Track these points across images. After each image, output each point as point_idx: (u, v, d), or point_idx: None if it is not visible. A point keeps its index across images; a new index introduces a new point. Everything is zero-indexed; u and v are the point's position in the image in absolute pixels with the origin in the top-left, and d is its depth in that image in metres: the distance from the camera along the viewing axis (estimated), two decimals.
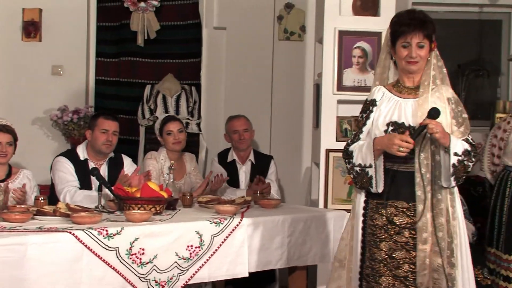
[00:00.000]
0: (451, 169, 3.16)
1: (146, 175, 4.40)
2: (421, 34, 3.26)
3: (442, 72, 3.36)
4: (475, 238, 5.04)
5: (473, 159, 3.26)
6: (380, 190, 3.27)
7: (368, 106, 3.40)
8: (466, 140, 3.25)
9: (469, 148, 3.20)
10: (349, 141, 3.43)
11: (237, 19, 6.37)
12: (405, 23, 3.29)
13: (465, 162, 3.19)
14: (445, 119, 3.28)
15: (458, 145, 3.17)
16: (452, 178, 3.19)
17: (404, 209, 3.28)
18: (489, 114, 6.83)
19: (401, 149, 3.10)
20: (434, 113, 3.11)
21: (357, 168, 3.31)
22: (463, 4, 6.84)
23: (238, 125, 5.42)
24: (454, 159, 3.15)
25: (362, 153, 3.28)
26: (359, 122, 3.43)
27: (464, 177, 3.23)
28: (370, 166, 3.25)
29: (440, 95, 3.30)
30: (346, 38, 4.99)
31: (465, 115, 3.34)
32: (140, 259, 3.40)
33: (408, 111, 3.28)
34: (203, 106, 6.48)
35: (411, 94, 3.34)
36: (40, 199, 3.94)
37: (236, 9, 6.38)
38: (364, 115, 3.40)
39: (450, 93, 3.34)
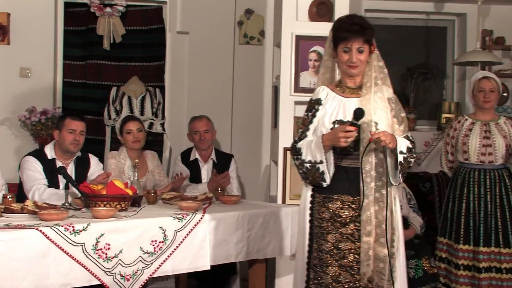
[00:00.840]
0: (398, 167, 3.21)
1: (105, 177, 4.34)
2: (361, 40, 3.28)
3: (383, 72, 3.39)
4: (423, 230, 5.09)
5: (414, 155, 3.33)
6: (328, 182, 3.27)
7: (314, 105, 3.40)
8: (407, 137, 3.31)
9: (410, 145, 3.28)
10: (296, 138, 3.42)
11: (200, 24, 6.34)
12: (346, 29, 3.30)
13: (408, 159, 3.26)
14: (387, 119, 3.31)
15: (402, 144, 3.23)
16: (400, 175, 3.24)
17: (349, 203, 3.30)
18: (436, 114, 6.93)
19: (348, 140, 3.12)
20: (358, 113, 3.14)
21: (307, 165, 3.30)
22: (412, 12, 6.92)
23: (200, 126, 5.40)
24: (400, 157, 3.21)
25: (311, 149, 3.28)
26: (305, 120, 3.42)
27: (406, 172, 3.29)
28: (321, 162, 3.25)
29: (382, 95, 3.33)
30: (302, 42, 4.99)
31: (403, 114, 3.40)
32: (106, 254, 3.36)
33: (352, 110, 3.26)
34: (167, 107, 6.43)
35: (354, 93, 3.36)
36: (8, 197, 3.86)
37: (198, 15, 6.34)
38: (310, 114, 3.40)
39: (390, 93, 3.39)
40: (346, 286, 3.27)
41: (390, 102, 3.35)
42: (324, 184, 3.28)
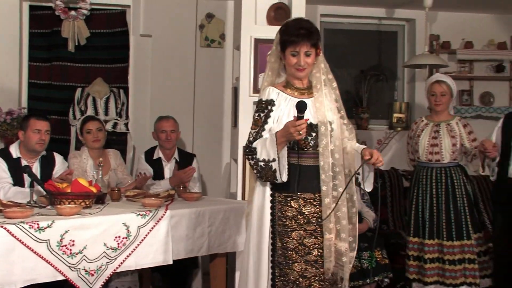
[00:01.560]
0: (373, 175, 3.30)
1: (68, 173, 4.28)
2: (308, 44, 3.28)
3: (330, 76, 3.41)
4: (375, 224, 5.13)
5: None
6: (285, 179, 3.25)
7: (266, 106, 3.36)
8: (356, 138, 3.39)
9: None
10: (250, 138, 3.36)
11: (162, 28, 6.29)
12: (294, 34, 3.29)
13: None
14: (337, 119, 3.33)
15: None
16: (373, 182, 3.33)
17: (311, 200, 3.31)
18: (387, 113, 7.00)
19: (300, 132, 3.10)
20: (301, 106, 3.12)
21: (261, 163, 3.27)
22: (365, 17, 6.97)
23: (167, 126, 5.36)
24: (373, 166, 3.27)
25: (266, 148, 3.25)
26: (258, 121, 3.37)
27: None
28: (274, 160, 3.22)
29: (330, 97, 3.36)
30: (261, 45, 4.99)
31: (343, 112, 3.43)
32: (70, 250, 3.31)
33: (307, 110, 3.24)
34: (131, 108, 6.37)
35: (304, 94, 3.38)
36: None
37: (161, 18, 6.29)
38: (263, 114, 3.36)
39: (337, 95, 3.40)
40: (312, 280, 3.29)
41: (336, 101, 3.39)
42: (279, 181, 3.26)
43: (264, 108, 3.37)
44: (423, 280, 4.86)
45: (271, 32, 4.94)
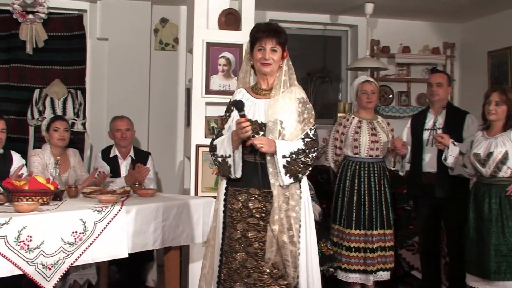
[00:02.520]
0: (282, 170, 3.22)
1: (21, 167, 4.20)
2: (274, 40, 3.31)
3: (292, 77, 3.42)
4: (320, 217, 5.16)
5: (312, 154, 3.31)
6: (238, 175, 3.29)
7: (230, 106, 3.42)
8: (306, 135, 3.31)
9: (300, 147, 3.25)
10: (214, 136, 3.44)
11: (118, 31, 6.23)
12: (261, 30, 3.34)
13: (302, 159, 3.25)
14: (294, 118, 3.33)
15: (285, 149, 3.21)
16: (286, 177, 3.23)
17: (256, 195, 3.31)
18: (332, 113, 7.06)
19: (243, 131, 3.15)
20: (238, 104, 3.21)
21: (220, 159, 3.33)
22: (311, 22, 7.03)
23: (121, 125, 5.30)
24: (282, 161, 3.21)
25: (224, 145, 3.30)
26: (223, 120, 3.46)
27: (304, 170, 3.29)
28: (229, 156, 3.27)
29: (291, 96, 3.34)
30: (213, 48, 4.97)
31: (307, 115, 3.37)
32: (28, 245, 3.23)
33: (261, 110, 3.32)
34: (88, 108, 6.28)
35: (265, 95, 3.37)
36: None
37: (117, 23, 6.23)
38: (227, 114, 3.43)
39: (300, 94, 3.39)
40: (251, 271, 3.29)
41: (298, 102, 3.35)
42: (232, 176, 3.30)
43: (228, 108, 3.43)
44: (368, 270, 4.90)
45: (222, 36, 4.99)
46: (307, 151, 3.27)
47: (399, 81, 7.10)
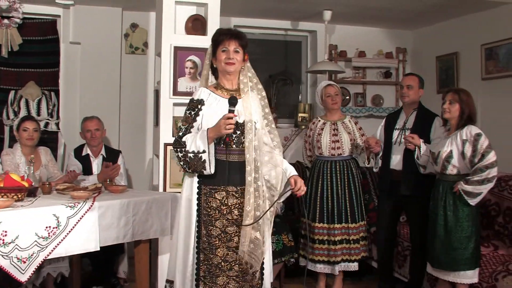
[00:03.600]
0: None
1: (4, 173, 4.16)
2: (236, 42, 3.36)
3: (256, 79, 3.46)
4: (282, 211, 5.22)
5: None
6: (213, 171, 3.28)
7: (197, 104, 3.39)
8: (280, 147, 3.42)
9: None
10: (180, 133, 3.38)
11: (90, 36, 6.18)
12: (224, 33, 3.39)
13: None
14: (261, 119, 3.38)
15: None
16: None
17: (234, 192, 3.33)
18: (293, 113, 7.13)
19: (227, 127, 3.16)
20: (233, 100, 3.23)
21: (191, 155, 3.28)
22: (273, 28, 7.07)
23: (91, 125, 5.27)
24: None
25: (196, 141, 3.26)
26: (188, 118, 3.39)
27: None
28: (204, 151, 3.24)
29: (256, 99, 3.40)
30: (180, 52, 4.97)
31: (271, 116, 3.45)
32: (3, 240, 3.20)
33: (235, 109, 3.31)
34: (61, 109, 6.22)
35: (231, 95, 3.38)
36: None
37: (89, 27, 6.18)
38: (193, 112, 3.38)
39: (263, 98, 3.44)
40: (232, 264, 3.32)
41: (263, 107, 3.42)
42: (206, 172, 3.27)
43: (194, 106, 3.39)
44: (331, 260, 4.99)
45: (189, 40, 5.00)
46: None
47: (355, 83, 7.19)
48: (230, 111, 3.19)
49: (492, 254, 4.45)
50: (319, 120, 5.23)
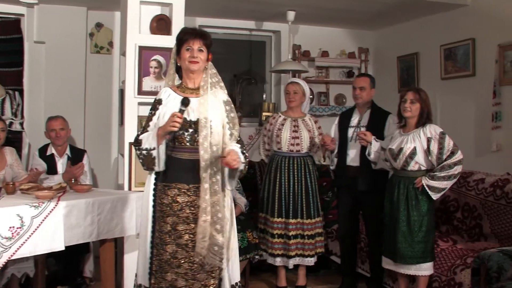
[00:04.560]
0: (238, 174, 3.32)
1: None
2: (200, 41, 3.36)
3: (217, 77, 3.45)
4: (247, 209, 5.23)
5: (247, 154, 3.41)
6: (162, 168, 3.31)
7: (156, 104, 3.43)
8: (238, 140, 3.39)
9: (242, 151, 3.34)
10: (139, 132, 3.44)
11: (55, 35, 6.09)
12: (189, 32, 3.39)
13: (243, 161, 3.32)
14: (221, 118, 3.37)
15: (241, 156, 3.29)
16: (235, 180, 3.35)
17: (185, 190, 3.32)
18: (257, 112, 7.14)
19: (174, 124, 3.16)
20: (185, 100, 3.25)
21: (144, 152, 3.32)
22: (237, 28, 7.07)
23: (55, 125, 5.20)
24: (241, 167, 3.30)
25: (149, 139, 3.30)
26: (149, 117, 3.44)
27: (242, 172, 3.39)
28: (154, 148, 3.28)
29: (216, 97, 3.39)
30: (145, 52, 4.93)
31: (233, 114, 3.43)
32: None
33: (190, 107, 3.32)
34: (26, 108, 6.12)
35: (193, 93, 3.40)
36: None
37: (53, 27, 6.09)
38: (153, 112, 3.43)
39: (225, 96, 3.44)
40: (182, 261, 3.30)
41: (224, 104, 3.40)
42: (156, 168, 3.31)
43: (154, 106, 3.43)
44: (287, 254, 5.02)
45: (154, 40, 4.97)
46: (245, 153, 3.37)
47: (318, 83, 7.24)
48: (180, 110, 3.22)
49: (451, 248, 4.53)
50: (280, 116, 5.25)
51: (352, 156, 4.94)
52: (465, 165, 4.36)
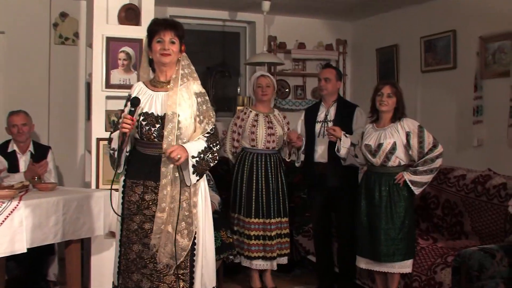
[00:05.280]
0: (191, 169, 3.25)
1: None
2: (172, 32, 3.34)
3: (190, 68, 3.43)
4: (220, 207, 5.21)
5: (215, 148, 3.35)
6: (119, 171, 3.36)
7: (126, 101, 3.43)
8: (205, 130, 3.34)
9: (205, 145, 3.29)
10: (112, 129, 3.48)
11: (15, 25, 5.98)
12: (159, 24, 3.36)
13: (206, 158, 3.29)
14: (191, 111, 3.34)
15: (193, 150, 3.24)
16: (194, 175, 3.25)
17: (153, 188, 3.30)
18: (232, 106, 7.12)
19: (124, 126, 3.16)
20: (134, 101, 3.25)
21: (111, 151, 3.36)
22: (210, 19, 7.03)
23: (17, 120, 5.13)
24: (192, 161, 3.23)
25: (115, 139, 3.32)
26: (121, 113, 3.47)
27: (209, 167, 3.34)
28: (115, 150, 3.30)
29: (188, 90, 3.35)
30: (112, 43, 4.89)
31: (205, 107, 3.39)
32: None
33: (158, 102, 3.32)
34: None
35: (163, 87, 3.38)
36: None
37: (14, 16, 5.98)
38: (124, 108, 3.43)
39: (198, 88, 3.41)
40: (147, 262, 3.29)
41: (196, 96, 3.37)
42: (118, 170, 3.36)
43: (126, 102, 3.43)
44: (268, 256, 5.03)
45: (122, 31, 4.92)
46: (211, 146, 3.32)
47: (295, 76, 7.25)
48: (130, 112, 3.22)
49: (431, 247, 4.57)
50: (251, 111, 5.24)
51: (320, 152, 4.96)
52: (446, 160, 4.41)
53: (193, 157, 3.23)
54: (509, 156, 5.10)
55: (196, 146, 3.27)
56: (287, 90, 7.23)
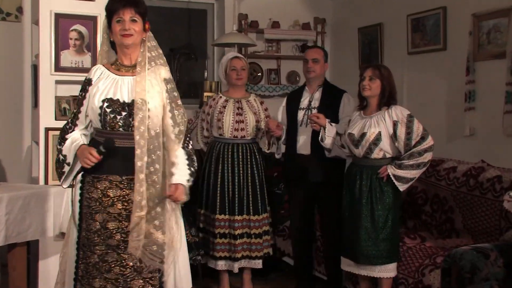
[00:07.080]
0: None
1: None
2: (132, 10, 3.30)
3: (157, 51, 3.39)
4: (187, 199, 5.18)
5: (188, 138, 3.40)
6: (65, 186, 3.38)
7: (85, 85, 3.37)
8: (183, 141, 3.36)
9: (188, 171, 3.31)
10: (69, 119, 3.41)
11: None
12: (117, 1, 3.32)
13: (193, 168, 3.36)
14: (161, 99, 3.31)
15: (184, 181, 3.28)
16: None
17: (117, 183, 3.28)
18: (198, 92, 7.09)
19: (86, 161, 3.17)
20: (109, 142, 3.20)
21: (61, 156, 3.34)
22: None
23: None
24: (188, 186, 3.30)
25: (71, 148, 3.30)
26: (78, 100, 3.39)
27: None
28: (69, 164, 3.30)
29: (156, 75, 3.32)
30: (62, 20, 4.85)
31: (176, 93, 3.38)
32: None
33: (124, 88, 3.30)
34: None
35: (129, 72, 3.35)
36: None
37: None
38: (82, 94, 3.37)
39: (167, 73, 3.38)
40: (112, 265, 3.25)
41: (166, 82, 3.35)
42: (59, 182, 3.40)
43: (83, 87, 3.38)
44: (233, 257, 5.02)
45: (74, 7, 4.88)
46: (193, 160, 3.38)
47: (268, 58, 7.25)
48: (99, 152, 3.18)
49: (419, 246, 4.61)
50: (221, 97, 5.23)
51: (302, 143, 4.96)
52: (435, 151, 4.43)
53: (188, 181, 3.29)
54: (504, 146, 5.15)
55: (183, 174, 3.29)
56: (259, 74, 7.21)
